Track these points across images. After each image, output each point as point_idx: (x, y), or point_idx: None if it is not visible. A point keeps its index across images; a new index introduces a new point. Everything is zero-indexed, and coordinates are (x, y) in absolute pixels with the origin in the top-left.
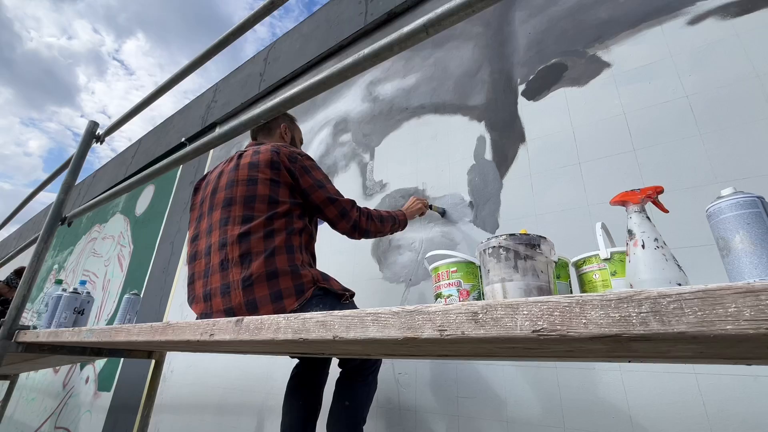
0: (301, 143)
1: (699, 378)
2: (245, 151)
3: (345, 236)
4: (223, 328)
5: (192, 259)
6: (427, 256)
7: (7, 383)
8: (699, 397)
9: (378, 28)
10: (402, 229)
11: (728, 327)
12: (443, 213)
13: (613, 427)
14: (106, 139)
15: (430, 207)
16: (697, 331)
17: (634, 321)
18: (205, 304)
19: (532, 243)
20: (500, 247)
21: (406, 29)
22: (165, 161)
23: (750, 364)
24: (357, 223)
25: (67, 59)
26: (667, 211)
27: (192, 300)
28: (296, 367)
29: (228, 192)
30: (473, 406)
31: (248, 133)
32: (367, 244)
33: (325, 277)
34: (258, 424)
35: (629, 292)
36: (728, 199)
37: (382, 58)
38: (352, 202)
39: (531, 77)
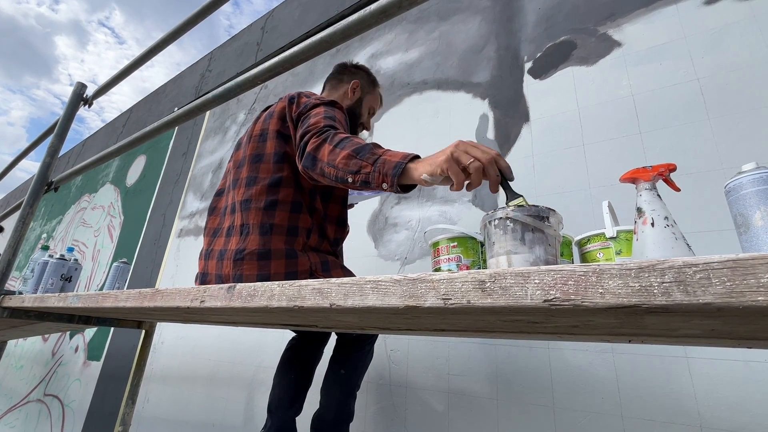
0: (371, 114)
1: (690, 362)
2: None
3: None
4: (215, 294)
5: (209, 212)
6: (426, 230)
7: None
8: (689, 380)
9: None
10: (373, 189)
11: (760, 298)
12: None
13: (601, 408)
14: (98, 110)
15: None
16: (724, 302)
17: (655, 291)
18: (205, 262)
19: (541, 215)
20: (507, 218)
21: None
22: (154, 124)
23: (751, 347)
24: (305, 145)
25: (45, 27)
26: (678, 190)
27: (199, 255)
28: (293, 339)
29: (244, 149)
30: (464, 383)
31: (248, 104)
32: (362, 220)
33: (327, 268)
34: (248, 396)
35: (651, 261)
36: (750, 173)
37: (389, 15)
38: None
39: (538, 55)
